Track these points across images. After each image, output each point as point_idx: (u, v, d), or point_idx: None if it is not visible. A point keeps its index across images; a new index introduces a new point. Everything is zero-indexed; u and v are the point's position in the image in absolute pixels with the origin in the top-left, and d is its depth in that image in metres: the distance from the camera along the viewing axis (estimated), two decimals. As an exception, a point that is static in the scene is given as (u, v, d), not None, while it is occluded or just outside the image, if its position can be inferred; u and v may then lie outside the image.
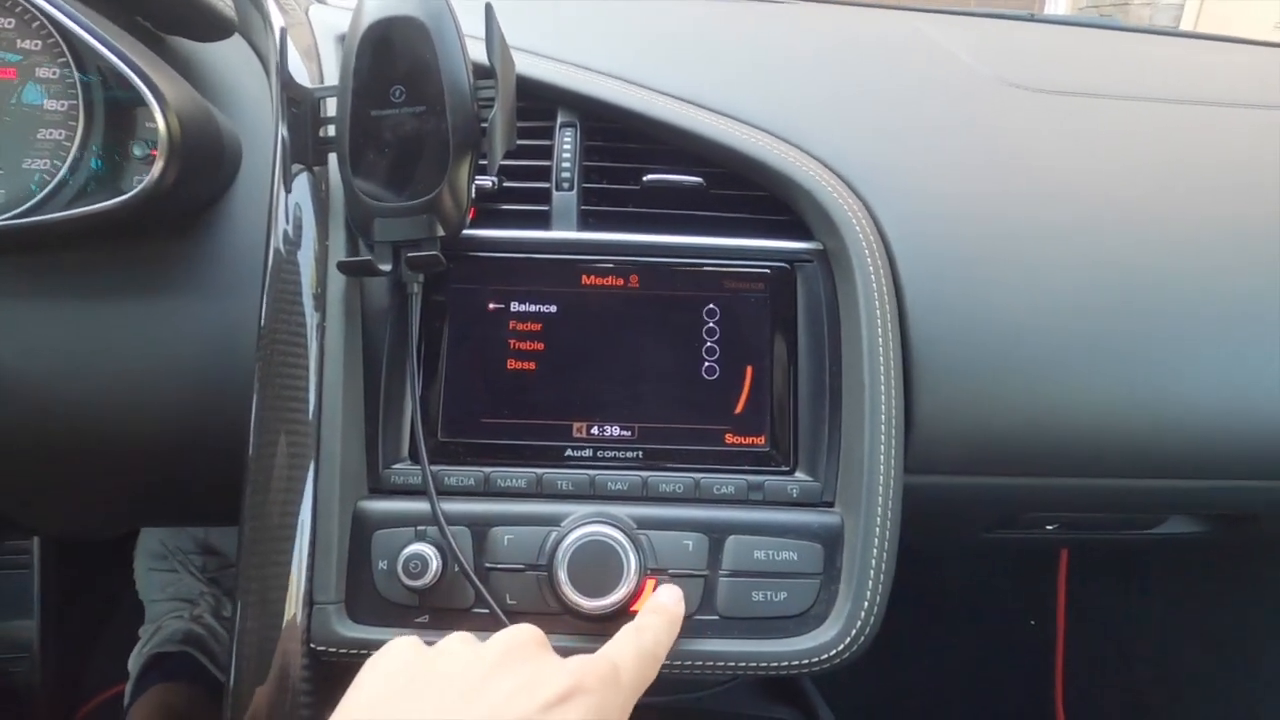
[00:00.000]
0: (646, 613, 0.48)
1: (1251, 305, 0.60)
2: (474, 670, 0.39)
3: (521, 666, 0.40)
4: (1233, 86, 0.73)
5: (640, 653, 0.44)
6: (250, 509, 0.50)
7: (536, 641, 0.42)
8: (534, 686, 0.38)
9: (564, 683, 0.39)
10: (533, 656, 0.41)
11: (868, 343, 0.54)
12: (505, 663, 0.40)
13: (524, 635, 0.42)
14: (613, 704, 0.40)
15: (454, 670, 0.40)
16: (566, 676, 0.39)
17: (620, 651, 0.44)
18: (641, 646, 0.45)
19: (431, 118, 0.51)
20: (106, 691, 1.16)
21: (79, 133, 0.53)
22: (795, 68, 0.68)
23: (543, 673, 0.39)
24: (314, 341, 0.53)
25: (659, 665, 0.46)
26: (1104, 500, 0.63)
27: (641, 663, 0.44)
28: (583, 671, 0.40)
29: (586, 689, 0.39)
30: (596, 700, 0.39)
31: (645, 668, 0.44)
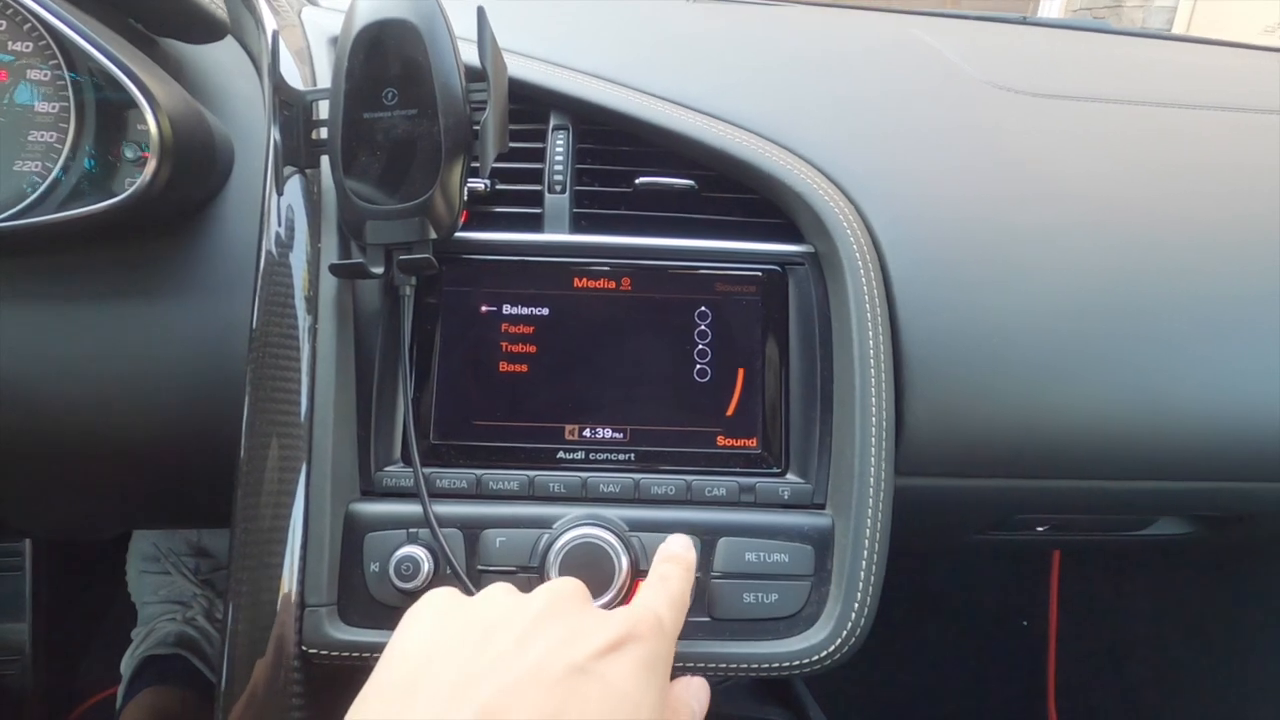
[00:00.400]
0: (663, 562, 0.48)
1: (1241, 308, 0.60)
2: (520, 617, 0.38)
3: (570, 616, 0.39)
4: (1224, 90, 0.73)
5: (672, 600, 0.44)
6: (242, 511, 0.50)
7: (581, 595, 0.42)
8: (585, 634, 0.37)
9: (616, 631, 0.38)
10: (578, 608, 0.40)
11: (859, 345, 0.54)
12: (552, 612, 0.39)
13: (569, 587, 0.42)
14: (662, 651, 0.39)
15: (500, 617, 0.38)
16: (618, 625, 0.38)
17: (657, 600, 0.43)
18: (671, 594, 0.44)
19: (424, 120, 0.51)
20: (99, 694, 1.15)
21: (70, 135, 0.53)
22: (787, 71, 0.68)
23: (592, 621, 0.39)
24: (306, 344, 0.53)
25: (685, 612, 0.45)
26: (1094, 502, 0.64)
27: (675, 610, 0.44)
28: (633, 620, 0.39)
29: (638, 636, 0.38)
30: (649, 648, 0.38)
31: (679, 614, 0.44)
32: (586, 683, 0.35)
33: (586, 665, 0.36)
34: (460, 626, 0.38)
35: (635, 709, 0.36)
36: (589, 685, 0.35)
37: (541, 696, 0.34)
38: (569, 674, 0.35)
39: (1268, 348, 0.60)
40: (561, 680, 0.35)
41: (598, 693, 0.35)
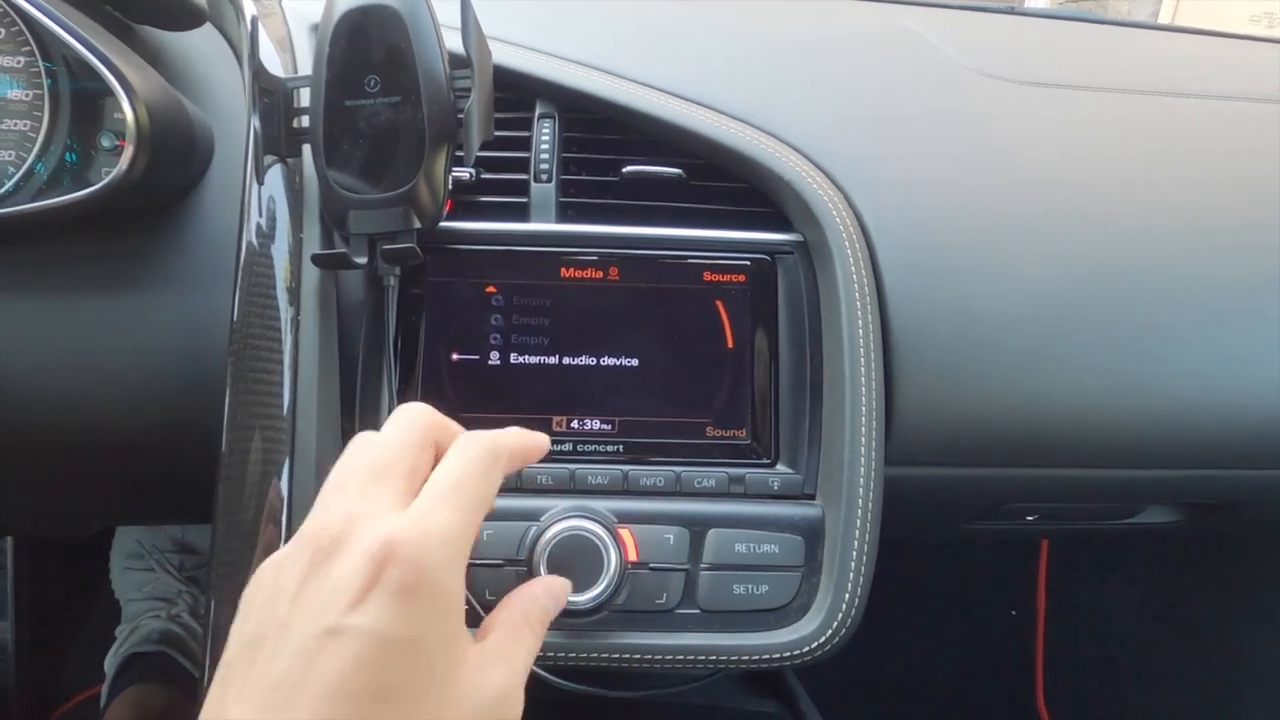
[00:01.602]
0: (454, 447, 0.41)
1: (1230, 295, 0.60)
2: (290, 582, 0.35)
3: (334, 561, 0.35)
4: (1210, 79, 0.73)
5: (450, 493, 0.38)
6: (223, 505, 0.49)
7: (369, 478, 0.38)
8: (338, 586, 0.34)
9: (363, 571, 0.34)
10: (348, 537, 0.35)
11: (848, 334, 0.54)
12: (318, 560, 0.35)
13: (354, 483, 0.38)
14: (433, 560, 0.35)
15: (278, 590, 0.35)
16: (365, 562, 0.34)
17: (432, 501, 0.38)
18: (448, 485, 0.39)
19: (407, 108, 0.50)
20: (83, 693, 1.14)
21: (45, 123, 0.52)
22: (775, 59, 0.68)
23: (346, 564, 0.34)
24: (288, 336, 0.52)
25: (485, 494, 0.40)
26: (1084, 490, 0.64)
27: (455, 503, 0.38)
28: (383, 548, 0.34)
29: (392, 561, 0.34)
30: (405, 572, 0.34)
31: (459, 506, 0.38)
32: (340, 643, 0.32)
33: (338, 624, 0.33)
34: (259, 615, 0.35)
35: (395, 650, 0.33)
36: (342, 645, 0.32)
37: (306, 679, 0.32)
38: (325, 642, 0.32)
39: (1254, 335, 0.60)
40: (320, 651, 0.32)
41: (350, 650, 0.32)
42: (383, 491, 0.38)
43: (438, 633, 0.35)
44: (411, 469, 0.39)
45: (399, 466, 0.39)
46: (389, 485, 0.38)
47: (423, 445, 0.41)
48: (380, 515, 0.36)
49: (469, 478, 0.39)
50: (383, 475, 0.38)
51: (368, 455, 0.39)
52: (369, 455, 0.39)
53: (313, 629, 0.33)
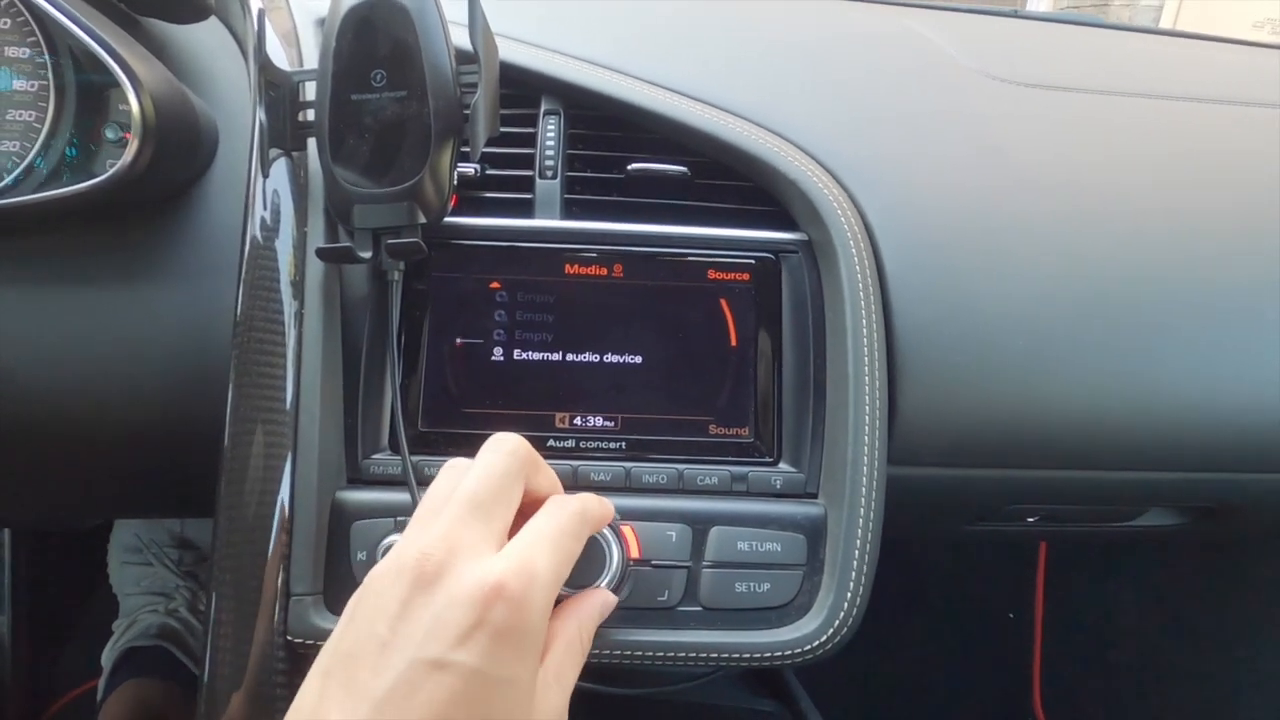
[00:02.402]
0: (550, 502, 0.44)
1: (1233, 298, 0.60)
2: (389, 610, 0.37)
3: (436, 595, 0.37)
4: (1213, 83, 0.73)
5: (552, 541, 0.41)
6: (225, 499, 0.49)
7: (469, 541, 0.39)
8: (444, 621, 0.36)
9: (472, 610, 0.36)
10: (450, 569, 0.37)
11: (852, 333, 0.54)
12: (419, 594, 0.37)
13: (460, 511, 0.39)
14: (533, 606, 0.37)
15: (378, 608, 0.37)
16: (475, 602, 0.36)
17: (533, 546, 0.40)
18: (550, 534, 0.41)
19: (413, 102, 0.50)
20: (80, 687, 1.14)
21: (49, 114, 0.52)
22: (781, 59, 0.68)
23: (450, 596, 0.36)
24: (292, 330, 0.52)
25: (575, 552, 0.43)
26: (1086, 492, 0.64)
27: (555, 551, 0.40)
28: (493, 587, 0.36)
29: (501, 600, 0.36)
30: (510, 613, 0.36)
31: (558, 554, 0.41)
32: (446, 675, 0.35)
33: (444, 658, 0.35)
34: (358, 629, 0.38)
35: (494, 687, 0.36)
36: (447, 678, 0.35)
37: (410, 704, 0.35)
38: (431, 672, 0.35)
39: (1257, 337, 0.60)
40: (427, 680, 0.35)
41: (455, 684, 0.35)
42: (482, 525, 0.40)
43: (529, 671, 0.38)
44: (509, 504, 0.42)
45: (499, 502, 0.41)
46: (489, 521, 0.40)
47: (518, 479, 0.43)
48: (481, 551, 0.39)
49: (565, 534, 0.42)
50: (482, 508, 0.40)
51: (468, 484, 0.41)
52: (469, 485, 0.41)
53: (417, 655, 0.35)
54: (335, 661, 0.37)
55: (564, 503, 0.44)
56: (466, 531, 0.39)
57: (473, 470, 0.42)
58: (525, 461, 0.43)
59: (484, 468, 0.42)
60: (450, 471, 0.43)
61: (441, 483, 0.43)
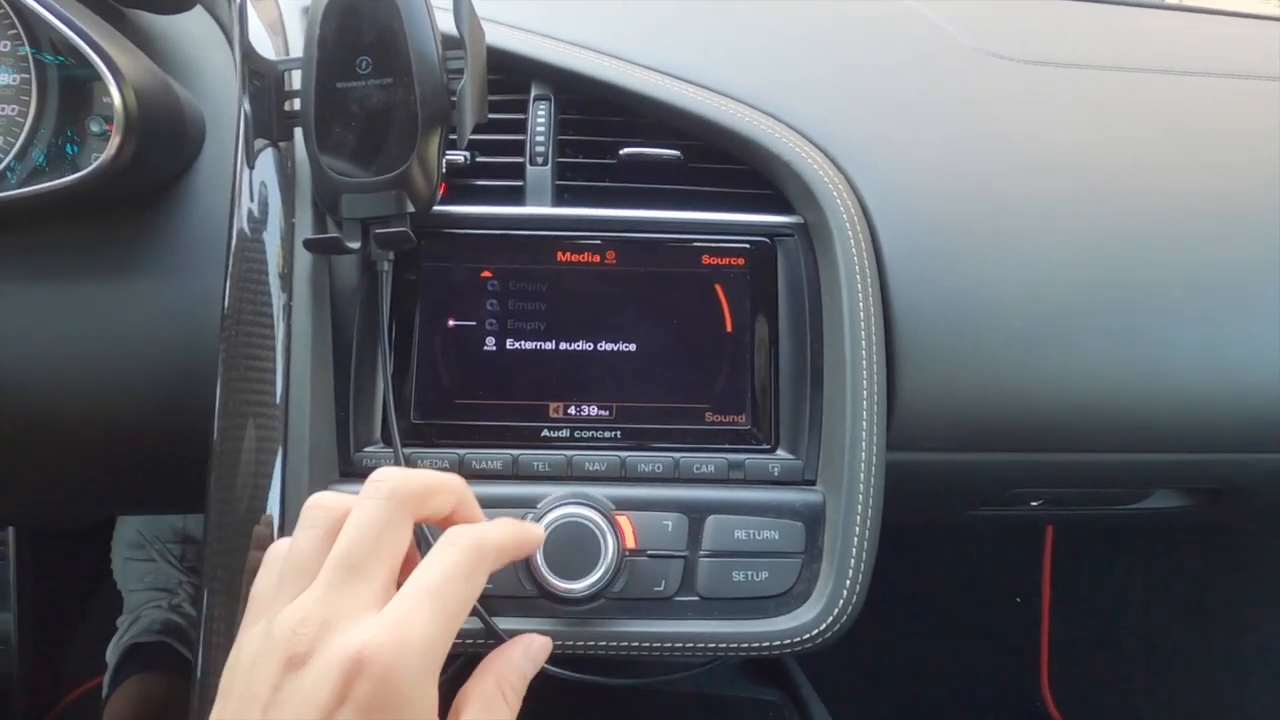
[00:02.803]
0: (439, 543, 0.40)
1: (1237, 277, 0.59)
2: (262, 686, 0.35)
3: (305, 671, 0.34)
4: (1222, 58, 0.72)
5: (432, 594, 0.37)
6: (216, 495, 0.49)
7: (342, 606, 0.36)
8: (309, 703, 0.34)
9: (332, 691, 0.33)
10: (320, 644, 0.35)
11: (849, 317, 0.53)
12: (290, 666, 0.34)
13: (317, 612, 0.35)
14: (405, 674, 0.34)
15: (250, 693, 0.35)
16: (333, 681, 0.34)
17: (411, 602, 0.36)
18: (431, 586, 0.37)
19: (399, 89, 0.50)
20: (85, 683, 1.14)
21: (32, 108, 0.51)
22: (775, 40, 0.67)
23: (316, 675, 0.34)
24: (281, 323, 0.51)
25: (468, 597, 0.38)
26: (1089, 475, 0.63)
27: (435, 607, 0.36)
28: (355, 659, 0.34)
29: (364, 674, 0.34)
30: (376, 686, 0.34)
31: (447, 607, 0.37)
32: None
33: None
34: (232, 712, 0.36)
35: None
36: None
37: None
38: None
39: (1262, 317, 0.59)
40: None
41: None
42: (360, 587, 0.36)
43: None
44: (391, 555, 0.38)
45: (377, 557, 0.37)
46: (366, 580, 0.37)
47: (402, 524, 0.39)
48: (354, 619, 0.35)
49: (451, 581, 0.38)
50: (358, 568, 0.37)
51: (344, 542, 0.37)
52: (345, 543, 0.37)
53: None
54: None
55: (454, 539, 0.39)
56: (339, 598, 0.36)
57: (347, 522, 0.38)
58: (407, 500, 0.39)
59: (358, 518, 0.38)
60: (315, 513, 0.39)
61: (307, 532, 0.39)
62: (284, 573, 0.38)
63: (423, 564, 0.38)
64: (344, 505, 0.39)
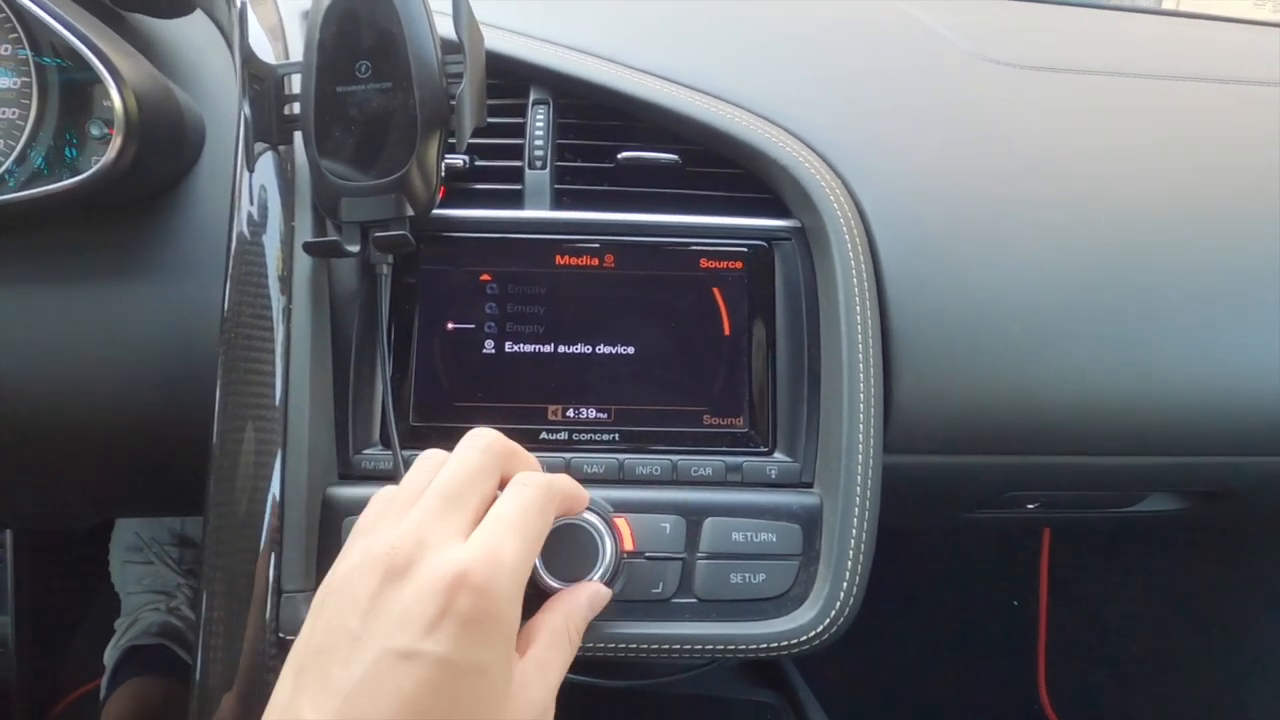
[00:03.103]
0: (514, 484, 0.43)
1: (1232, 282, 0.60)
2: (361, 594, 0.37)
3: (404, 582, 0.37)
4: (1215, 63, 0.72)
5: (515, 526, 0.40)
6: (215, 497, 0.49)
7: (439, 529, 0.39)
8: (411, 612, 0.36)
9: (438, 599, 0.36)
10: (418, 560, 0.37)
11: (846, 321, 0.53)
12: (389, 577, 0.37)
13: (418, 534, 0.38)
14: (501, 594, 0.37)
15: (348, 601, 0.37)
16: (440, 590, 0.36)
17: (498, 531, 0.40)
18: (514, 519, 0.41)
19: (398, 93, 0.50)
20: (83, 686, 1.14)
21: (33, 111, 0.51)
22: (773, 45, 0.67)
23: (417, 587, 0.36)
24: (280, 325, 0.52)
25: (542, 530, 0.42)
26: (1085, 478, 0.63)
27: (520, 536, 0.40)
28: (457, 575, 0.36)
29: (466, 589, 0.36)
30: (475, 601, 0.36)
31: (524, 539, 0.40)
32: (414, 666, 0.35)
33: (412, 648, 0.35)
34: (328, 622, 0.38)
35: (463, 676, 0.36)
36: (415, 668, 0.35)
37: (380, 695, 0.35)
38: (399, 662, 0.35)
39: (1257, 322, 0.59)
40: (394, 670, 0.35)
41: (423, 673, 0.35)
42: (454, 517, 0.40)
43: (500, 657, 0.37)
44: (482, 496, 0.42)
45: (471, 494, 0.41)
46: (460, 512, 0.40)
47: (493, 473, 0.43)
48: (450, 542, 0.39)
49: (531, 513, 0.42)
50: (455, 500, 0.41)
51: (443, 478, 0.42)
52: (444, 479, 0.42)
53: (386, 646, 0.35)
54: (307, 657, 0.37)
55: (527, 479, 0.44)
56: (437, 523, 0.39)
57: (447, 464, 0.43)
58: (500, 455, 0.44)
59: (457, 461, 0.43)
60: (425, 462, 0.44)
61: (418, 472, 0.43)
62: (388, 505, 0.42)
63: (502, 499, 0.42)
64: (444, 454, 0.44)
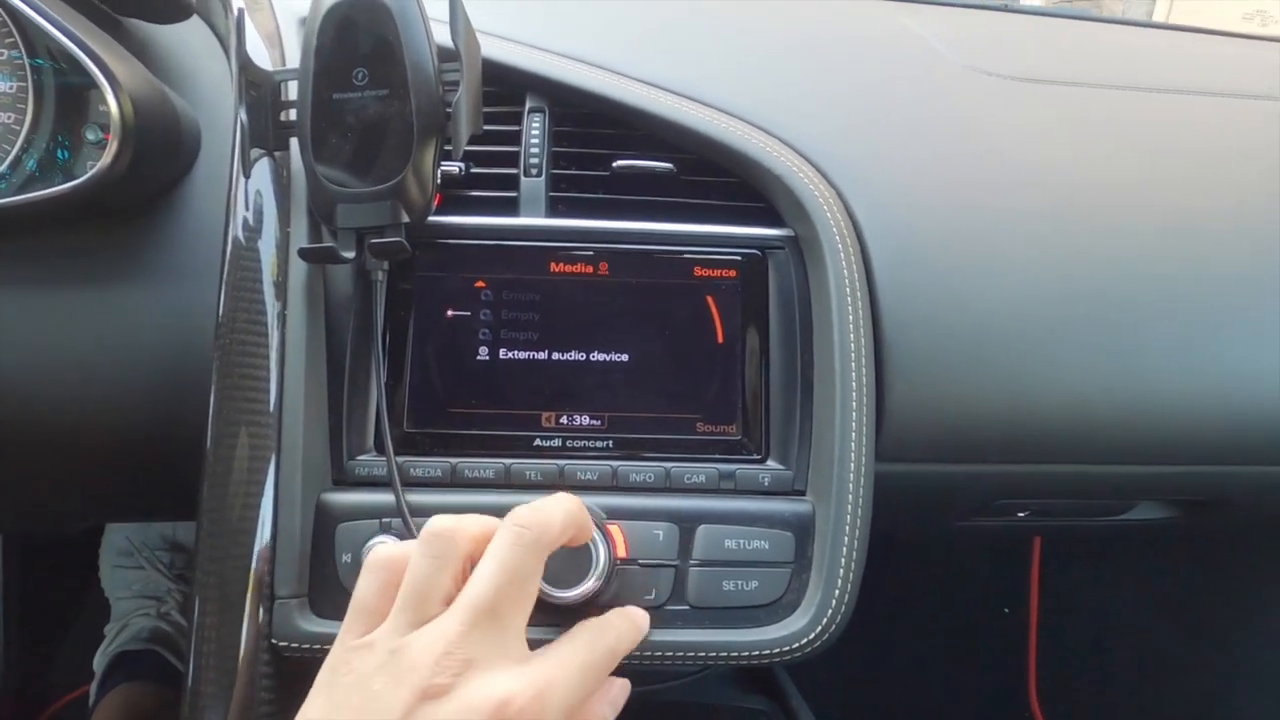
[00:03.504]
0: (612, 615, 0.45)
1: (1223, 291, 0.60)
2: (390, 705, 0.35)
3: (443, 705, 0.35)
4: (1206, 76, 0.73)
5: (585, 664, 0.41)
6: (208, 503, 0.49)
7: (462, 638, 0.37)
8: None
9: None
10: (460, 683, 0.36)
11: (839, 330, 0.54)
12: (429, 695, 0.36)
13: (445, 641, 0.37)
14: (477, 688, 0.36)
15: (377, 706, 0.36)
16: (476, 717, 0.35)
17: (560, 661, 0.40)
18: (590, 654, 0.41)
19: (395, 100, 0.50)
20: (72, 693, 1.13)
21: (28, 116, 0.51)
22: (768, 55, 0.68)
23: (454, 706, 0.35)
24: (275, 331, 0.52)
25: (606, 672, 0.43)
26: (1076, 486, 0.64)
27: (584, 674, 0.40)
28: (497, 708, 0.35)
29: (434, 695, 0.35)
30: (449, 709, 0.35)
31: (587, 679, 0.40)
32: None
33: None
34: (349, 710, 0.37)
35: None
36: None
37: None
38: None
39: (1245, 333, 0.60)
40: None
41: None
42: (501, 635, 0.38)
43: None
44: (529, 604, 0.40)
45: (518, 607, 0.39)
46: (507, 629, 0.38)
47: (539, 572, 0.41)
48: (497, 665, 0.37)
49: (593, 671, 0.41)
50: (501, 616, 0.38)
51: (487, 586, 0.38)
52: (488, 587, 0.38)
53: None
54: None
55: (603, 629, 0.43)
56: (483, 641, 0.37)
57: (487, 566, 0.40)
58: (547, 549, 0.42)
59: (500, 568, 0.39)
60: (437, 544, 0.40)
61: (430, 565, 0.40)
62: (405, 596, 0.39)
63: (570, 643, 0.41)
64: (468, 536, 0.41)
